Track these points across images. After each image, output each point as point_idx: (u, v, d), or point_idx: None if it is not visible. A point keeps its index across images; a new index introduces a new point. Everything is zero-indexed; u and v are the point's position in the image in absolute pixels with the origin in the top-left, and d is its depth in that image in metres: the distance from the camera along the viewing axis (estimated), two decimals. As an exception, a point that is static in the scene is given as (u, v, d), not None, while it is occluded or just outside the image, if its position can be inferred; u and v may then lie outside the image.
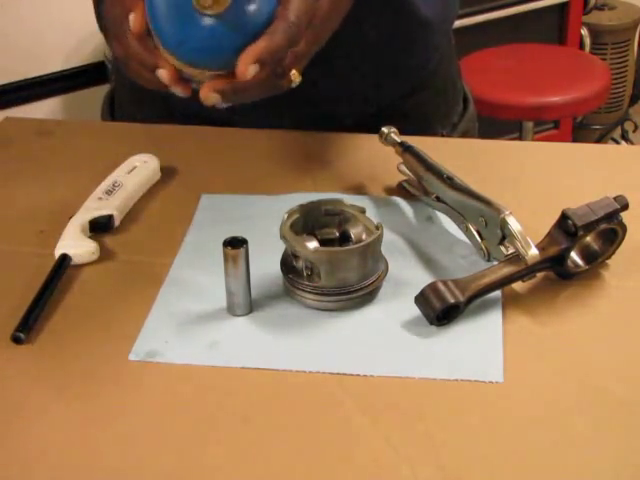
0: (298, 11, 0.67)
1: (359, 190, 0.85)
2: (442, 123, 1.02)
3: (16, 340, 0.67)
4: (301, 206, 0.73)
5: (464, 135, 1.03)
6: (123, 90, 1.06)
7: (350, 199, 0.75)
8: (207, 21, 0.65)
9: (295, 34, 0.66)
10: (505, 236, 0.71)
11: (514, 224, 0.70)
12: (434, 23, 0.94)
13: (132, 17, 0.67)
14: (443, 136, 1.01)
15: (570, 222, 0.69)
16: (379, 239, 0.70)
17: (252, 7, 0.65)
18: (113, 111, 1.09)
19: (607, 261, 0.74)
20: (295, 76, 0.69)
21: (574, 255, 0.72)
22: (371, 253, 0.70)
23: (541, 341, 0.67)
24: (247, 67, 0.65)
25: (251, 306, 0.70)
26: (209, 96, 0.67)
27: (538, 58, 2.33)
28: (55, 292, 0.72)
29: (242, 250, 0.68)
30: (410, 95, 0.98)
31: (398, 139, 0.84)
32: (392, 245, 0.76)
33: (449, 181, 0.78)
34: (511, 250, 0.71)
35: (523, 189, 0.84)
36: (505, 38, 2.42)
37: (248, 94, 0.69)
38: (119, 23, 0.71)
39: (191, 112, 0.93)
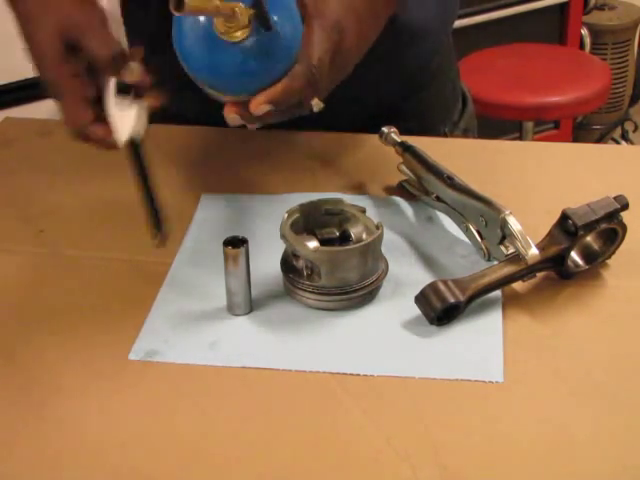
0: (320, 52, 0.66)
1: (359, 190, 0.85)
2: (443, 122, 1.02)
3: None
4: (301, 206, 0.73)
5: (465, 132, 1.03)
6: None
7: (350, 199, 0.75)
8: (227, 48, 0.65)
9: (316, 76, 0.66)
10: (505, 236, 0.71)
11: (514, 224, 0.70)
12: (432, 28, 0.94)
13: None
14: (445, 134, 1.01)
15: (570, 222, 0.69)
16: (379, 239, 0.70)
17: (272, 44, 0.65)
18: None
19: (607, 261, 0.74)
20: (317, 103, 0.68)
21: (574, 255, 0.72)
22: (371, 253, 0.70)
23: (541, 341, 0.67)
24: (259, 106, 0.65)
25: (251, 306, 0.70)
26: (229, 116, 0.67)
27: (538, 58, 2.33)
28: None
29: (242, 250, 0.68)
30: (410, 96, 0.98)
31: (398, 139, 0.84)
32: (392, 245, 0.76)
33: (449, 181, 0.78)
34: (511, 250, 0.71)
35: (523, 189, 0.84)
36: (505, 38, 2.42)
37: (266, 119, 0.68)
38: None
39: (191, 116, 0.93)
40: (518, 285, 0.71)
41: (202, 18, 0.66)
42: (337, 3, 0.68)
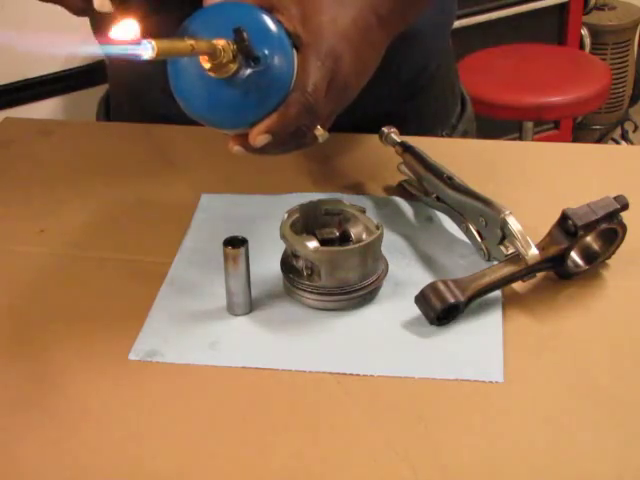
0: (315, 78, 0.65)
1: (359, 190, 0.85)
2: (442, 125, 1.02)
3: None
4: (301, 206, 0.73)
5: (464, 135, 1.03)
6: (119, 95, 1.05)
7: (350, 199, 0.75)
8: (219, 85, 0.64)
9: (312, 103, 0.65)
10: (505, 236, 0.71)
11: (514, 224, 0.70)
12: (428, 32, 0.94)
13: None
14: (443, 137, 1.01)
15: (570, 222, 0.69)
16: (379, 239, 0.70)
17: (264, 76, 0.64)
18: (109, 116, 1.08)
19: (607, 261, 0.74)
20: (320, 132, 0.67)
21: (574, 255, 0.72)
22: (371, 253, 0.70)
23: (541, 341, 0.67)
24: (257, 137, 0.65)
25: (251, 306, 0.70)
26: (233, 148, 0.67)
27: (538, 58, 2.33)
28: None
29: (242, 250, 0.68)
30: (408, 100, 0.98)
31: (398, 139, 0.84)
32: (392, 245, 0.76)
33: (449, 181, 0.78)
34: (511, 250, 0.71)
35: (523, 189, 0.84)
36: (505, 38, 2.42)
37: (270, 151, 0.68)
38: None
39: (187, 119, 0.93)
40: (518, 285, 0.71)
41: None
42: (330, 31, 0.67)
